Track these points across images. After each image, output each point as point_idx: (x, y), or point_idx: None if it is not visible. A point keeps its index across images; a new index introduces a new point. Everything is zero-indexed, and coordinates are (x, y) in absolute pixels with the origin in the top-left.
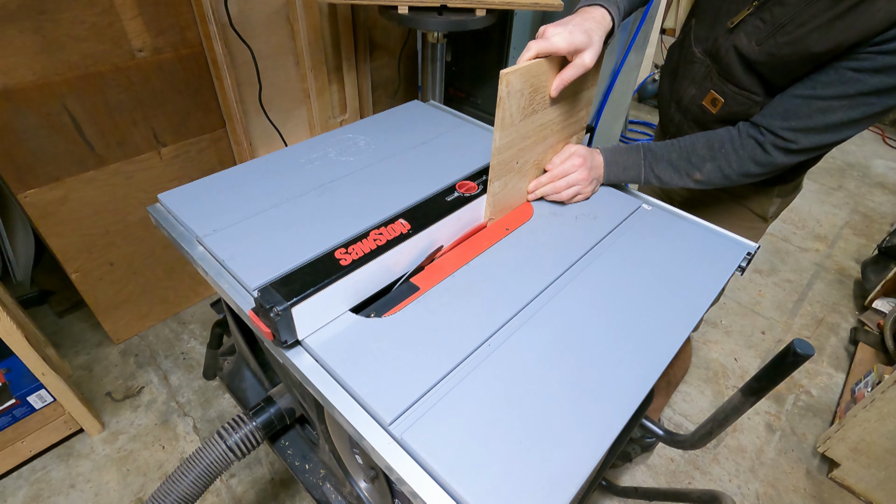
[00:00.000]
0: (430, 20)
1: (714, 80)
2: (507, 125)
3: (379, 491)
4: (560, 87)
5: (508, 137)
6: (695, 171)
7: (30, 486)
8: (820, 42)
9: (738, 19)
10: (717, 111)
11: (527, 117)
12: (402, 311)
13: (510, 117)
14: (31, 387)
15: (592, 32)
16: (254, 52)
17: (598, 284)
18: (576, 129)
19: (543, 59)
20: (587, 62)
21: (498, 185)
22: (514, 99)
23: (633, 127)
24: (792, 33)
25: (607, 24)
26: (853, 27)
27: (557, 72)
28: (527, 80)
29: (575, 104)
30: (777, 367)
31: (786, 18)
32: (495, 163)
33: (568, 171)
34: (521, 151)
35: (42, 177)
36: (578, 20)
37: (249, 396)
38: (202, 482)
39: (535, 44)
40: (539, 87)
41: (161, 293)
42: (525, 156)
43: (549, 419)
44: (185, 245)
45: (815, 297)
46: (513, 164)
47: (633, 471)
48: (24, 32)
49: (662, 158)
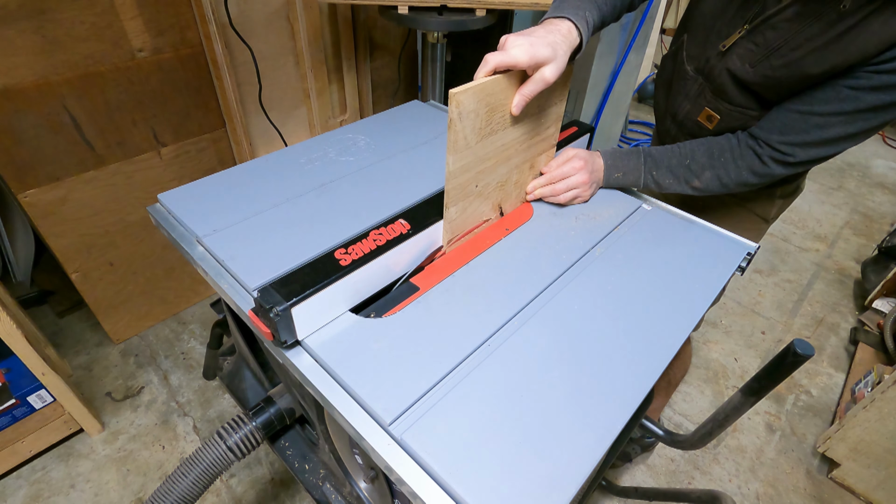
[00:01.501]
0: (430, 20)
1: (708, 97)
2: (460, 148)
3: (379, 491)
4: (521, 105)
5: (464, 161)
6: (693, 178)
7: (30, 486)
8: (815, 65)
9: (729, 42)
10: (714, 126)
11: (485, 138)
12: (402, 311)
13: (464, 140)
14: (31, 387)
15: (557, 46)
16: (254, 52)
17: (598, 284)
18: (544, 147)
19: (501, 76)
20: (547, 77)
21: (455, 211)
22: (467, 120)
23: (633, 127)
24: (786, 56)
25: (574, 40)
26: (848, 50)
27: (518, 87)
28: (481, 98)
29: (541, 121)
30: (777, 367)
31: (779, 42)
32: (450, 188)
33: (568, 173)
34: (480, 174)
35: (42, 177)
36: (542, 32)
37: (249, 396)
38: (202, 482)
39: (493, 56)
40: (497, 105)
41: (161, 293)
42: (486, 178)
43: (550, 419)
44: (185, 245)
45: (815, 297)
46: (471, 187)
47: (633, 471)
48: (24, 32)
49: (662, 164)
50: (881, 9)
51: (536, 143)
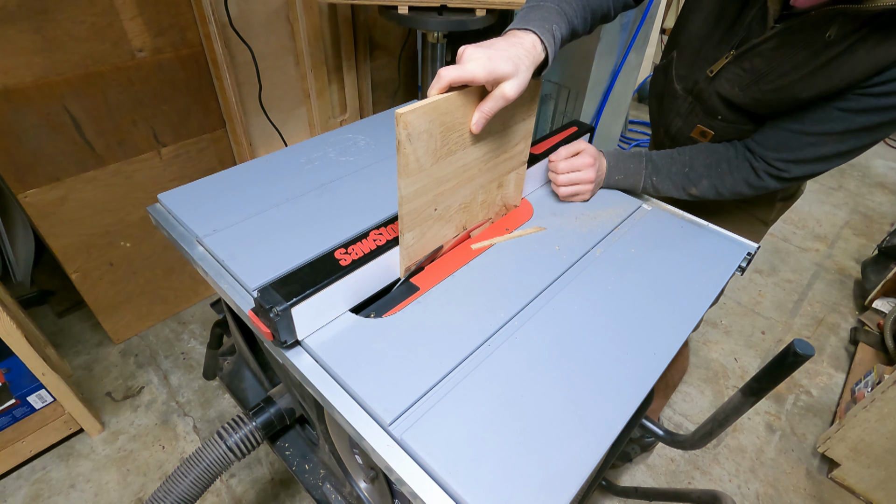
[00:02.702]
0: (430, 20)
1: (700, 116)
2: (412, 171)
3: (379, 491)
4: (481, 123)
5: (418, 184)
6: (691, 186)
7: (30, 486)
8: (804, 90)
9: (717, 68)
10: (709, 141)
11: (442, 159)
12: (402, 312)
13: (416, 162)
14: (31, 387)
15: (519, 60)
16: (254, 52)
17: (599, 284)
18: (513, 164)
19: (456, 93)
20: (507, 94)
21: (411, 237)
22: (419, 142)
23: (633, 127)
24: (774, 82)
25: (538, 54)
26: (835, 77)
27: (478, 104)
28: (434, 118)
29: (508, 138)
30: (777, 368)
31: (766, 69)
32: (404, 213)
33: (576, 167)
34: (439, 197)
35: (42, 177)
36: (504, 45)
37: (249, 396)
38: (202, 482)
39: (447, 71)
40: (454, 124)
41: (161, 293)
42: (446, 201)
43: (550, 419)
44: (185, 245)
45: (815, 297)
46: (429, 211)
47: (633, 471)
48: (24, 32)
49: (662, 170)
50: (866, 38)
51: (504, 161)
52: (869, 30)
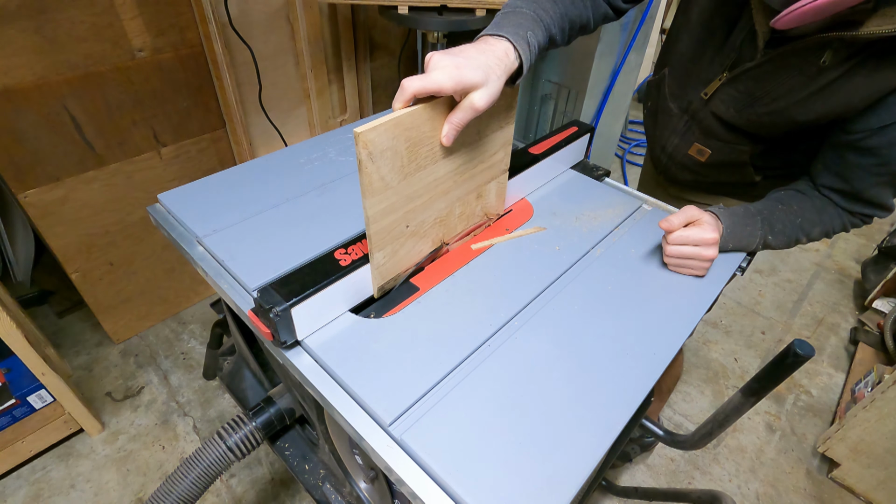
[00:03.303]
0: (430, 20)
1: (696, 134)
2: (377, 190)
3: (379, 491)
4: (452, 135)
5: (385, 203)
6: (803, 236)
7: (30, 486)
8: (802, 114)
9: (710, 90)
10: (706, 160)
11: (411, 175)
12: (402, 312)
13: (381, 181)
14: (31, 387)
15: (490, 69)
16: (254, 52)
17: (599, 284)
18: (493, 174)
19: (421, 107)
20: (476, 104)
21: (382, 256)
22: (382, 160)
23: (633, 127)
24: (769, 105)
25: (511, 63)
26: (833, 101)
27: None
28: (398, 134)
29: (484, 148)
30: (777, 368)
31: (760, 92)
32: (373, 232)
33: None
34: (411, 213)
35: (42, 177)
36: (474, 52)
37: (249, 396)
38: (202, 482)
39: (411, 82)
40: (421, 139)
41: (161, 293)
42: (419, 216)
43: (550, 419)
44: (184, 245)
45: (815, 297)
46: (401, 228)
47: (633, 471)
48: (24, 32)
49: (776, 227)
50: (863, 63)
51: (482, 172)
52: (865, 55)
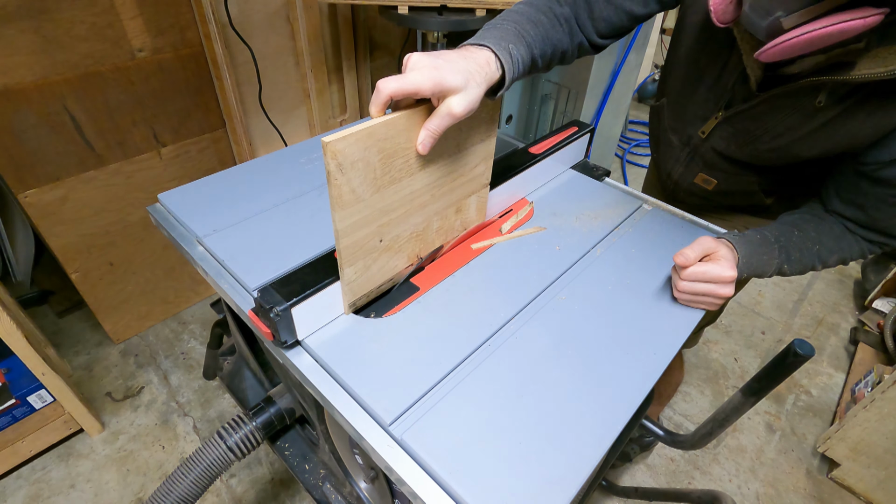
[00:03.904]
0: (430, 20)
1: (700, 165)
2: (348, 203)
3: (379, 491)
4: (429, 143)
5: (357, 216)
6: (819, 264)
7: (30, 486)
8: (805, 150)
9: (707, 129)
10: (714, 189)
11: (385, 188)
12: (402, 311)
13: (352, 193)
14: (31, 387)
15: (470, 75)
16: (254, 52)
17: (599, 284)
18: (473, 187)
19: (398, 116)
20: (454, 110)
21: (353, 272)
22: (353, 171)
23: (633, 127)
24: (770, 143)
25: (492, 73)
26: (835, 139)
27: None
28: (371, 145)
29: (464, 161)
30: (777, 368)
31: (759, 130)
32: (343, 247)
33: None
34: (384, 227)
35: (42, 177)
36: (455, 56)
37: (249, 396)
38: (202, 482)
39: (387, 83)
40: (396, 149)
41: (161, 293)
42: (394, 230)
43: (550, 419)
44: (185, 245)
45: (815, 297)
46: (373, 242)
47: (633, 471)
48: (24, 32)
49: (793, 255)
50: (862, 102)
51: (462, 185)
52: (863, 94)
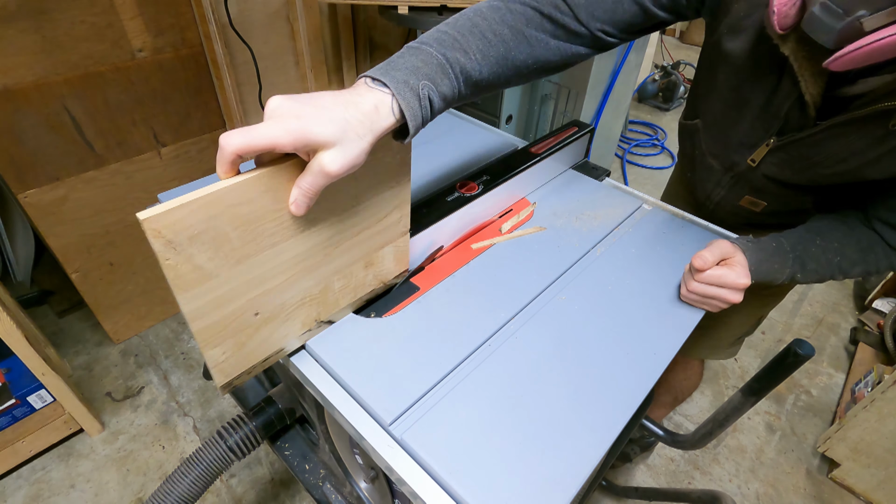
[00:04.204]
0: (430, 20)
1: (747, 189)
2: (192, 283)
3: (379, 491)
4: (304, 203)
5: (210, 294)
6: (839, 274)
7: (30, 486)
8: (875, 172)
9: (758, 157)
10: (762, 210)
11: (250, 257)
12: (402, 311)
13: (196, 271)
14: (31, 387)
15: (348, 125)
16: (254, 52)
17: (599, 284)
18: (386, 238)
19: (254, 177)
20: (327, 168)
21: (222, 352)
22: (196, 247)
23: (633, 127)
24: (833, 167)
25: (382, 121)
26: None
27: None
28: (217, 213)
29: (367, 213)
30: (777, 368)
31: (820, 157)
32: (196, 331)
33: (726, 282)
34: (260, 298)
35: (42, 177)
36: (330, 101)
37: (249, 396)
38: (202, 482)
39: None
40: (260, 214)
41: (161, 293)
42: (275, 299)
43: (550, 419)
44: None
45: (815, 297)
46: (248, 317)
47: (633, 471)
48: (24, 32)
49: (809, 265)
50: None
51: (369, 238)
52: None
